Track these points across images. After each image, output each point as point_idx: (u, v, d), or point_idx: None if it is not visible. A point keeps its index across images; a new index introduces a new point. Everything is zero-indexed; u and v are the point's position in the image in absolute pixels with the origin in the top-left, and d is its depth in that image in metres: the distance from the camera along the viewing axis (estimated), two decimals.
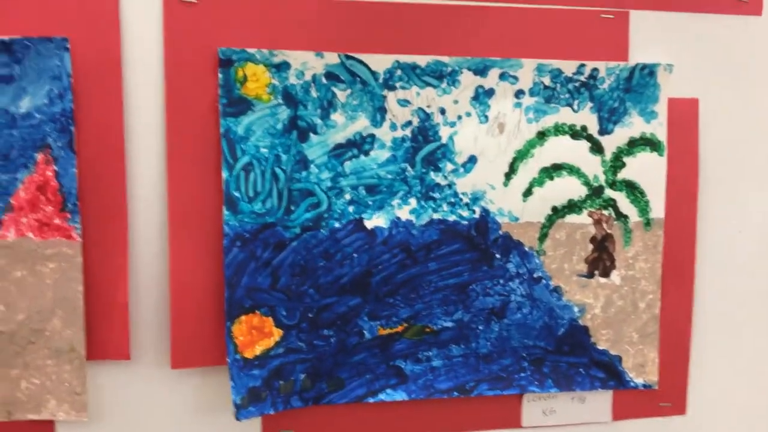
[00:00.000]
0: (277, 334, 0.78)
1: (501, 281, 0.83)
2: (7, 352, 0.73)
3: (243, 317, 0.77)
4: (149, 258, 0.76)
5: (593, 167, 0.84)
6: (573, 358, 0.86)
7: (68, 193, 0.73)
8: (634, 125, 0.84)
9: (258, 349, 0.78)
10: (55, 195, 0.72)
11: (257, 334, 0.78)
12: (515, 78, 0.81)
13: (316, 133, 0.78)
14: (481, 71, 0.80)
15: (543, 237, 0.84)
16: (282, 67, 0.76)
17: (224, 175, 0.76)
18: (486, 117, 0.81)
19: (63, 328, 0.74)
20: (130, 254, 0.75)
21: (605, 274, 0.86)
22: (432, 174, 0.81)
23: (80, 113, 0.73)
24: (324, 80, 0.77)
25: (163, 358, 0.77)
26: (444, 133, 0.81)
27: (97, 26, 0.73)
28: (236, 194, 0.76)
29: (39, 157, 0.72)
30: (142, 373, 0.77)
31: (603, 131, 0.84)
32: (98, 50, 0.73)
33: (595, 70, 0.83)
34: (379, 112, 0.79)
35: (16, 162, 0.72)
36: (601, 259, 0.86)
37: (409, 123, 0.80)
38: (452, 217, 0.82)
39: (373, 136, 0.79)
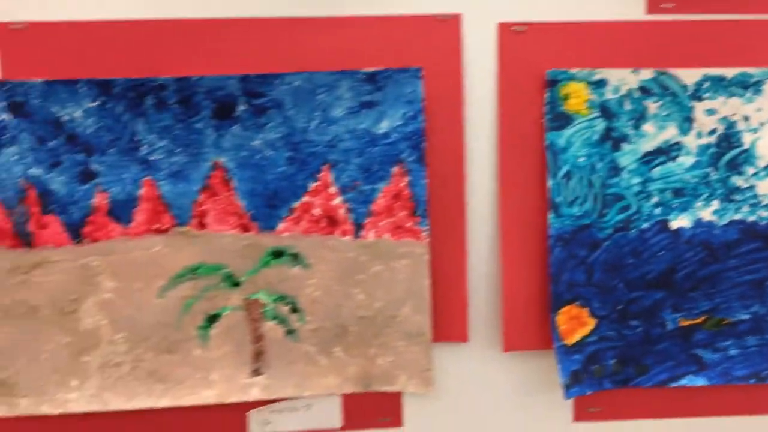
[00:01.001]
0: (592, 323, 0.88)
1: None
2: (367, 334, 0.87)
3: (564, 308, 0.87)
4: (484, 255, 0.87)
5: None
6: None
7: (419, 200, 0.85)
8: None
9: (577, 337, 0.87)
10: (408, 202, 0.85)
11: (576, 323, 0.87)
12: None
13: (628, 142, 0.86)
14: None
15: None
16: (600, 84, 0.85)
17: (549, 182, 0.85)
18: None
19: (413, 315, 0.86)
20: (468, 252, 0.87)
21: None
22: (734, 178, 0.87)
23: (430, 131, 0.84)
24: (637, 94, 0.85)
25: (496, 342, 0.89)
26: (747, 139, 0.86)
27: (444, 56, 0.84)
28: (558, 199, 0.85)
29: (395, 170, 0.85)
30: (477, 354, 0.89)
31: None
32: (444, 76, 0.84)
33: None
34: (686, 122, 0.86)
35: (376, 175, 0.85)
36: None
37: (714, 131, 0.86)
38: (752, 218, 0.87)
39: (680, 143, 0.86)
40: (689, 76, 0.85)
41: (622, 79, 0.85)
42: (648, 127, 0.86)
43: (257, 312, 0.86)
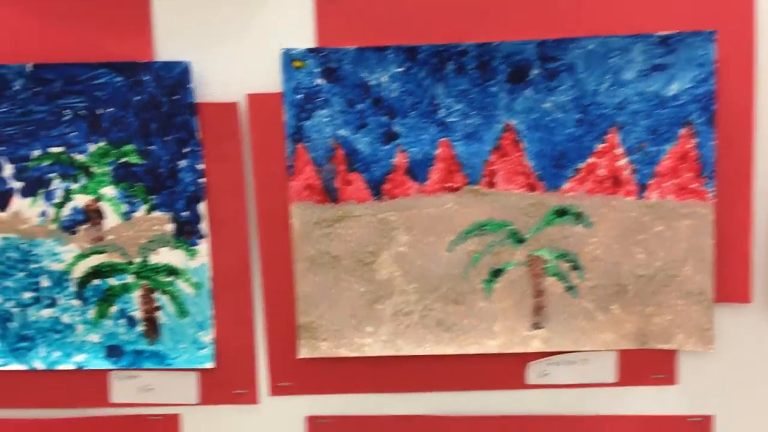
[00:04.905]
0: None
1: None
2: (645, 293, 0.89)
3: None
4: None
5: None
6: None
7: (705, 162, 0.86)
8: None
9: None
10: (694, 164, 0.87)
11: None
12: None
13: None
14: None
15: None
16: None
17: None
18: None
19: (694, 275, 0.88)
20: (753, 214, 0.88)
21: None
22: None
23: (719, 94, 0.86)
24: None
25: None
26: None
27: (736, 18, 0.85)
28: None
29: (682, 132, 0.87)
30: (759, 315, 0.90)
31: None
32: (735, 38, 0.85)
33: None
34: None
35: (663, 136, 0.87)
36: None
37: None
38: None
39: None
40: None
41: None
42: None
43: (539, 268, 0.90)
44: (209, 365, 0.92)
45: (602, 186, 0.88)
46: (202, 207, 0.89)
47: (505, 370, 0.92)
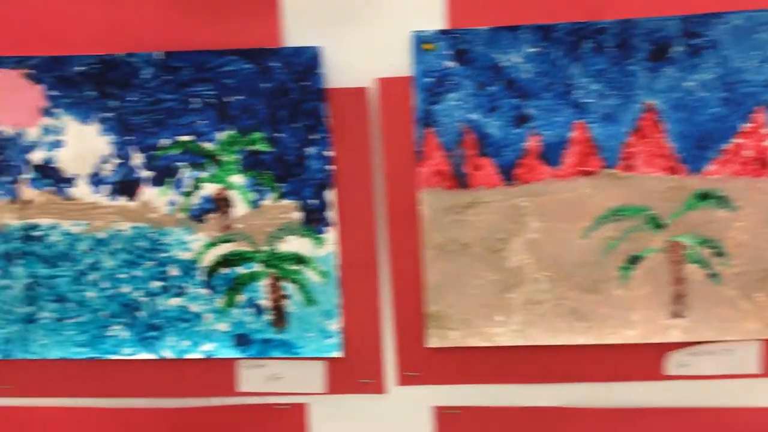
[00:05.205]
0: None
1: None
2: None
3: None
4: None
5: None
6: None
7: None
8: None
9: None
10: None
11: None
12: None
13: None
14: None
15: None
16: None
17: None
18: None
19: None
20: None
21: None
22: None
23: None
24: None
25: None
26: None
27: None
28: None
29: None
30: None
31: None
32: None
33: None
34: None
35: None
36: None
37: None
38: None
39: None
40: None
41: None
42: None
43: (679, 254, 0.86)
44: (336, 354, 0.91)
45: (748, 168, 0.84)
46: (330, 194, 0.88)
47: (643, 360, 0.89)
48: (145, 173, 0.89)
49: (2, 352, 0.93)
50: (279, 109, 0.87)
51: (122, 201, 0.90)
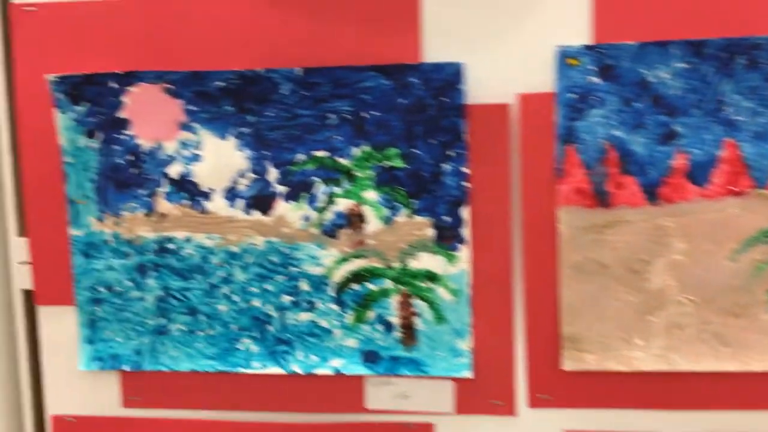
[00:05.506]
0: None
1: None
2: None
3: None
4: None
5: None
6: None
7: None
8: None
9: None
10: None
11: None
12: None
13: None
14: None
15: None
16: None
17: None
18: None
19: None
20: None
21: None
22: None
23: None
24: None
25: None
26: None
27: None
28: None
29: None
30: None
31: None
32: None
33: None
34: None
35: None
36: None
37: None
38: None
39: None
40: None
41: None
42: None
43: None
44: (466, 374, 0.89)
45: None
46: (465, 211, 0.87)
47: None
48: (280, 188, 0.89)
49: (132, 364, 0.94)
50: (415, 124, 0.86)
51: (256, 215, 0.90)
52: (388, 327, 0.90)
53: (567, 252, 0.86)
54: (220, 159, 0.89)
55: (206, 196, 0.90)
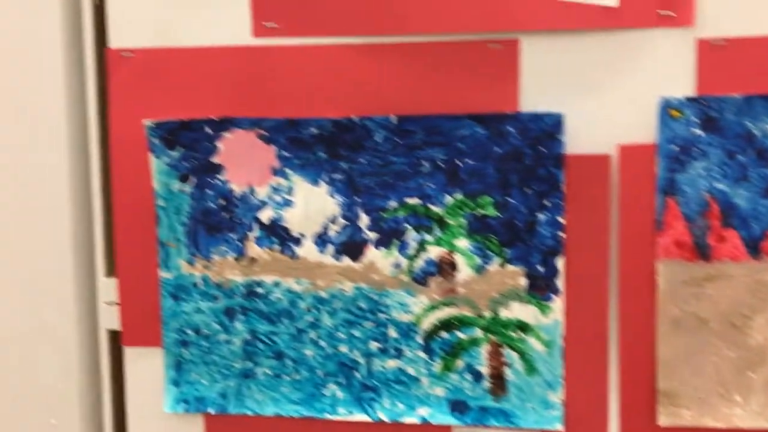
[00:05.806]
0: None
1: None
2: None
3: None
4: None
5: None
6: None
7: None
8: None
9: None
10: None
11: None
12: None
13: None
14: None
15: None
16: None
17: None
18: None
19: None
20: None
21: None
22: None
23: None
24: None
25: None
26: None
27: None
28: None
29: None
30: None
31: None
32: None
33: None
34: None
35: None
36: None
37: None
38: None
39: None
40: None
41: None
42: None
43: None
44: (558, 427, 0.88)
45: None
46: (560, 262, 0.85)
47: None
48: (371, 235, 0.89)
49: (217, 406, 0.94)
50: (510, 173, 0.85)
51: (346, 261, 0.89)
52: (477, 377, 0.89)
53: (665, 305, 0.84)
54: (311, 205, 0.89)
55: (297, 241, 0.90)
